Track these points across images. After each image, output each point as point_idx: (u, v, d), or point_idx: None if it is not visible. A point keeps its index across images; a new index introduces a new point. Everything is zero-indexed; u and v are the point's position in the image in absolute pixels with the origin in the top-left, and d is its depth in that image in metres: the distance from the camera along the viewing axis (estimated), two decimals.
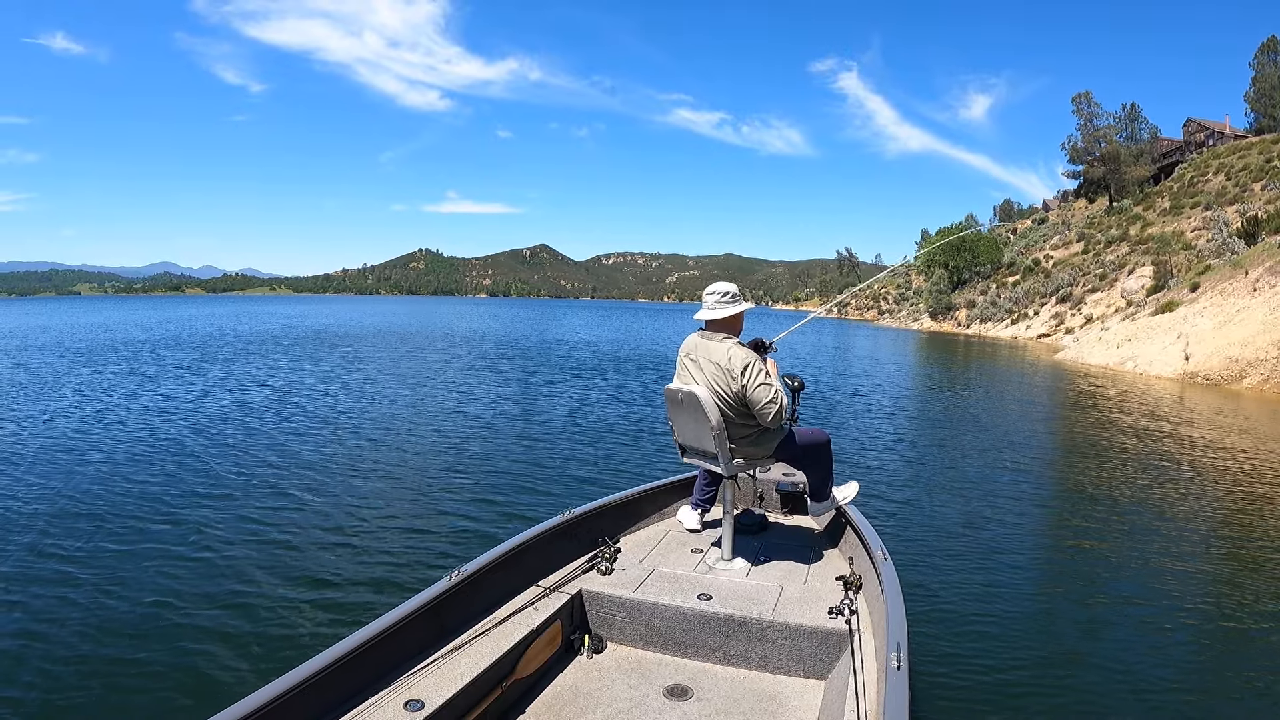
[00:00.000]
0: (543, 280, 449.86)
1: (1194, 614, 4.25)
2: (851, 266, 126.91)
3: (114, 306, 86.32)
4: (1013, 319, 39.88)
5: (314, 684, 2.04)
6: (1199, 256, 28.15)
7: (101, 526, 5.38)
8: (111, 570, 4.56)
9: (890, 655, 2.17)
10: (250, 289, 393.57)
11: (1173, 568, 4.95)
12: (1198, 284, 22.04)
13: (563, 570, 3.13)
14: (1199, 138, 57.35)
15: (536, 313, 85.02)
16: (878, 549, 3.05)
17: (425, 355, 21.97)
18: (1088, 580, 4.88)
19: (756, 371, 3.20)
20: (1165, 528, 5.83)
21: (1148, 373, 18.23)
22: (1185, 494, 6.87)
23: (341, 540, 5.14)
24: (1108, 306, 32.30)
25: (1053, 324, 35.30)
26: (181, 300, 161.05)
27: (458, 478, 6.99)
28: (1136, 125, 55.64)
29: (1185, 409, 12.66)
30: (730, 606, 2.86)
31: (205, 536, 5.16)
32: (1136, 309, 25.46)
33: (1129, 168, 52.71)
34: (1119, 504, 6.54)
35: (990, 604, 4.35)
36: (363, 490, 6.49)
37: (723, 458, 3.23)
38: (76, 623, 3.84)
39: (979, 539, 5.52)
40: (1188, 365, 17.31)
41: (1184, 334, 18.70)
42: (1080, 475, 7.75)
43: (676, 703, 2.54)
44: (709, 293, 3.40)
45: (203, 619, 3.89)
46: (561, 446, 8.55)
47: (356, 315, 59.76)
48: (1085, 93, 54.58)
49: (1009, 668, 3.60)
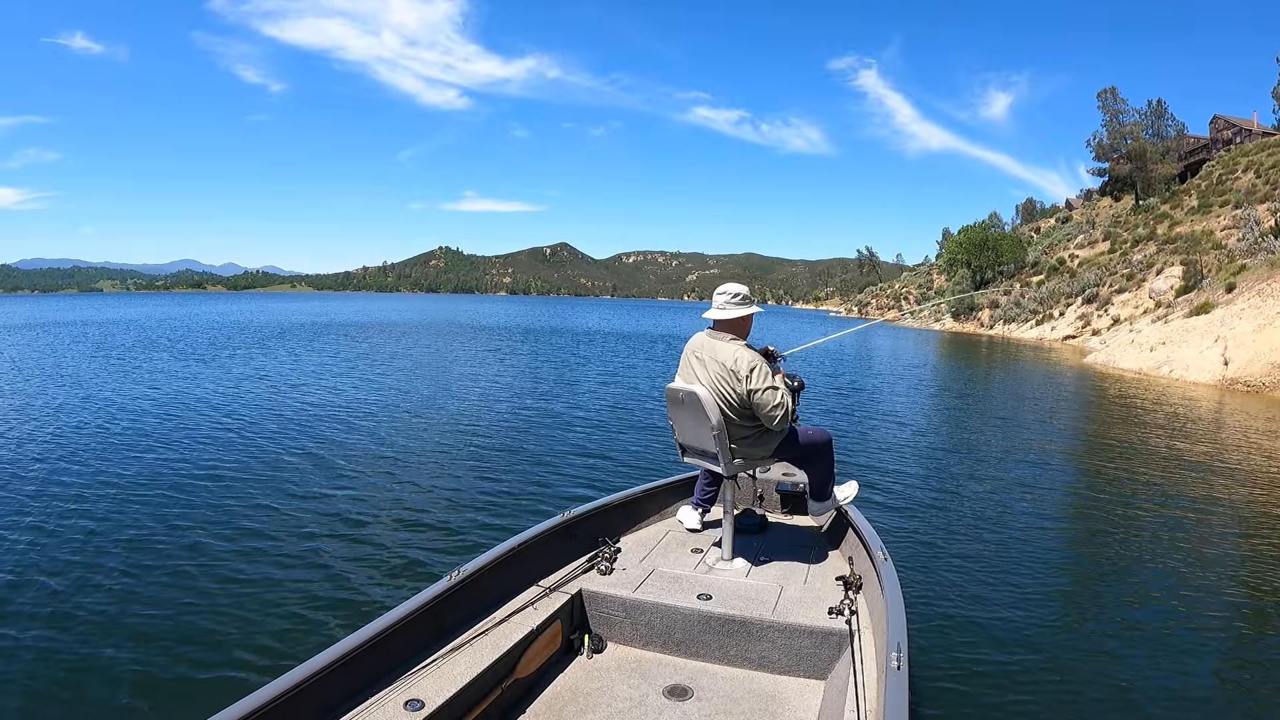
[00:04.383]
0: (563, 279, 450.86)
1: (1200, 625, 4.17)
2: (872, 266, 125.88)
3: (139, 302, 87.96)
4: (1037, 320, 39.30)
5: (314, 684, 2.05)
6: (1230, 256, 27.56)
7: (85, 523, 5.44)
8: (110, 569, 4.60)
9: (890, 655, 2.16)
10: (271, 286, 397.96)
11: (1187, 580, 4.84)
12: (1233, 284, 21.52)
13: (563, 570, 3.13)
14: (1226, 135, 56.06)
15: (555, 311, 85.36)
16: (878, 549, 3.04)
17: (440, 350, 22.15)
18: (1090, 583, 4.83)
19: (763, 374, 3.20)
20: (1186, 539, 5.68)
21: (1184, 378, 17.59)
22: (1214, 506, 6.61)
23: (342, 540, 5.18)
24: (1136, 307, 31.74)
25: (1079, 325, 34.73)
26: (205, 297, 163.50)
27: (459, 476, 7.04)
28: (1163, 122, 54.47)
29: (1226, 418, 12.16)
30: (730, 606, 2.85)
31: (205, 536, 5.22)
32: (1168, 310, 24.97)
33: (1155, 165, 51.66)
34: (1137, 513, 6.40)
35: (991, 604, 4.33)
36: (363, 490, 6.55)
37: (723, 457, 3.23)
38: (73, 622, 3.88)
39: (981, 540, 5.49)
40: (1227, 371, 16.68)
41: (1222, 337, 18.07)
42: (1099, 483, 7.62)
43: (676, 703, 2.54)
44: (720, 292, 3.42)
45: (201, 618, 3.93)
46: (563, 445, 8.59)
47: (378, 311, 60.37)
48: (1111, 88, 53.63)
49: (1009, 668, 3.58)
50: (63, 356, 18.62)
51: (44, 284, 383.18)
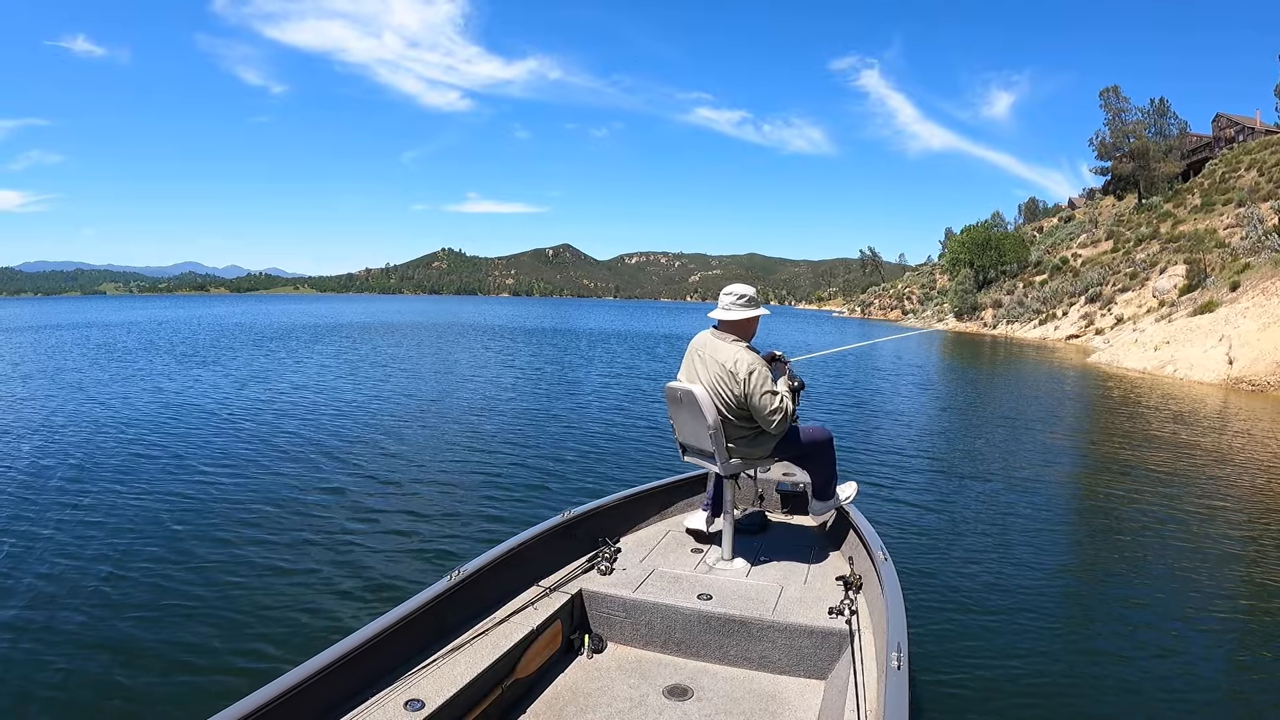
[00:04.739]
0: (565, 280, 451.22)
1: (1204, 627, 4.14)
2: (875, 266, 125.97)
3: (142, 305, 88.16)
4: (1040, 319, 39.23)
5: (314, 684, 2.05)
6: (1234, 255, 27.49)
7: (86, 523, 5.47)
8: (107, 568, 4.61)
9: (890, 655, 2.16)
10: (274, 288, 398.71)
11: (1190, 581, 4.81)
12: (1238, 283, 21.46)
13: (563, 570, 3.14)
14: (1229, 133, 55.81)
15: (558, 312, 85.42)
16: (878, 549, 3.04)
17: (441, 350, 22.17)
18: (1092, 584, 4.81)
19: (761, 378, 3.18)
20: (1190, 540, 5.63)
21: (1189, 377, 17.56)
22: (1219, 508, 6.52)
23: (342, 540, 5.18)
24: (1139, 306, 31.67)
25: (1082, 324, 34.68)
26: (209, 299, 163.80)
27: (460, 476, 7.05)
28: (1165, 120, 54.30)
29: (1230, 418, 12.02)
30: (730, 606, 2.85)
31: (205, 536, 5.23)
32: (1171, 309, 24.90)
33: (1158, 163, 51.50)
34: (1140, 513, 6.36)
35: (991, 604, 4.32)
36: (363, 489, 6.55)
37: (719, 456, 3.23)
38: (72, 622, 3.89)
39: (982, 540, 5.47)
40: (1231, 370, 16.64)
41: (1226, 336, 18.03)
42: (1101, 483, 7.58)
43: (676, 703, 2.54)
44: (726, 293, 3.40)
45: (202, 619, 3.93)
46: (565, 444, 8.60)
47: (381, 313, 60.45)
48: (1113, 87, 53.46)
49: (1010, 668, 3.58)
50: (66, 358, 18.67)
51: (47, 287, 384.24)
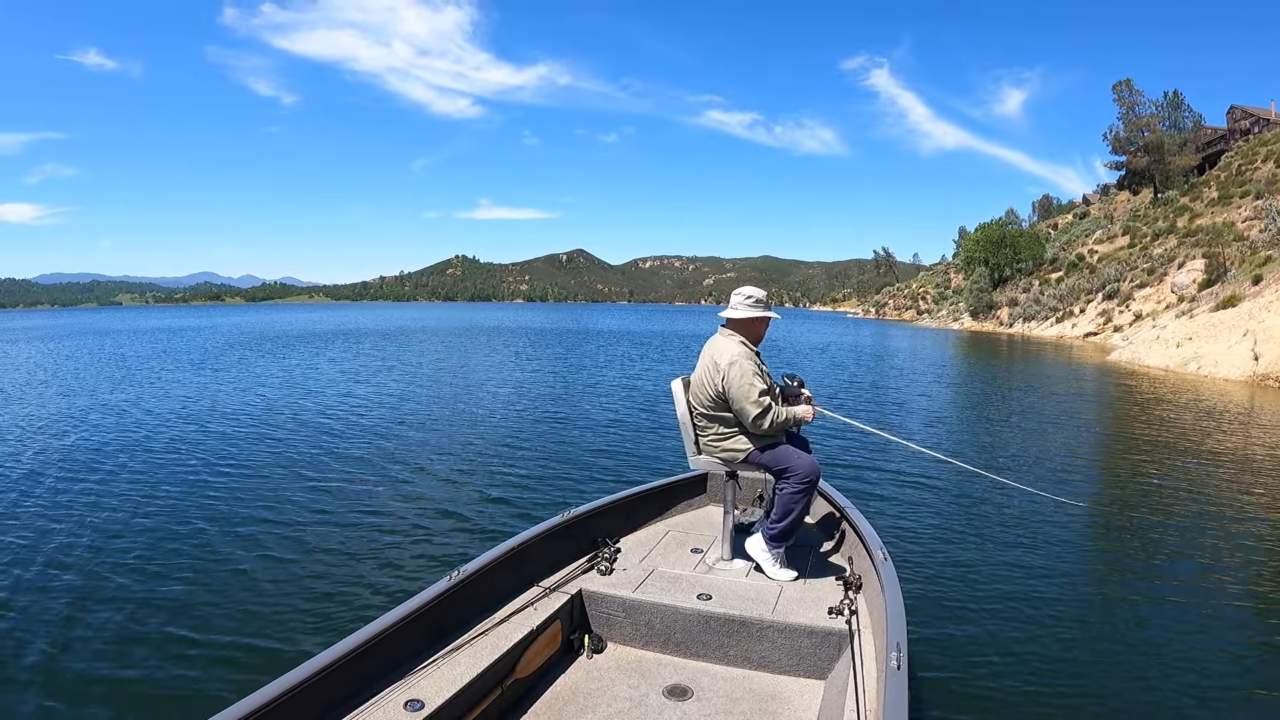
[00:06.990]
0: (579, 285, 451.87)
1: (1210, 628, 4.09)
2: (889, 266, 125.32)
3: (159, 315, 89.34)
4: (1057, 317, 38.85)
5: (314, 684, 2.07)
6: (1253, 248, 27.14)
7: (85, 524, 5.55)
8: (106, 567, 4.68)
9: (890, 655, 2.16)
10: (289, 297, 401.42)
11: (1193, 582, 4.73)
12: (1260, 276, 21.12)
13: (563, 570, 3.15)
14: (1244, 125, 54.90)
15: (573, 316, 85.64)
16: (878, 549, 3.03)
17: (459, 353, 22.28)
18: (1094, 584, 4.77)
19: (742, 370, 3.21)
20: (1196, 540, 5.56)
21: (1213, 375, 17.20)
22: (1241, 509, 6.34)
23: (342, 541, 5.23)
24: (1158, 303, 31.31)
25: (1100, 322, 34.31)
26: (225, 309, 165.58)
27: (461, 475, 7.11)
28: (1180, 113, 53.68)
29: (1258, 416, 11.66)
30: (730, 606, 2.85)
31: (203, 534, 5.30)
32: (1191, 305, 24.55)
33: (1173, 157, 50.87)
34: (1149, 514, 6.27)
35: (991, 604, 4.29)
36: (363, 489, 6.62)
37: (688, 449, 3.36)
38: (71, 624, 3.93)
39: (982, 541, 5.43)
40: (1257, 366, 16.29)
41: (1250, 331, 17.69)
42: (1113, 484, 7.51)
43: (676, 703, 2.54)
44: (737, 293, 3.49)
45: (202, 619, 3.97)
46: (571, 446, 8.63)
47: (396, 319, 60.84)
48: (1126, 80, 52.86)
49: (1009, 668, 3.56)
50: (86, 365, 18.92)
51: (63, 298, 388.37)
